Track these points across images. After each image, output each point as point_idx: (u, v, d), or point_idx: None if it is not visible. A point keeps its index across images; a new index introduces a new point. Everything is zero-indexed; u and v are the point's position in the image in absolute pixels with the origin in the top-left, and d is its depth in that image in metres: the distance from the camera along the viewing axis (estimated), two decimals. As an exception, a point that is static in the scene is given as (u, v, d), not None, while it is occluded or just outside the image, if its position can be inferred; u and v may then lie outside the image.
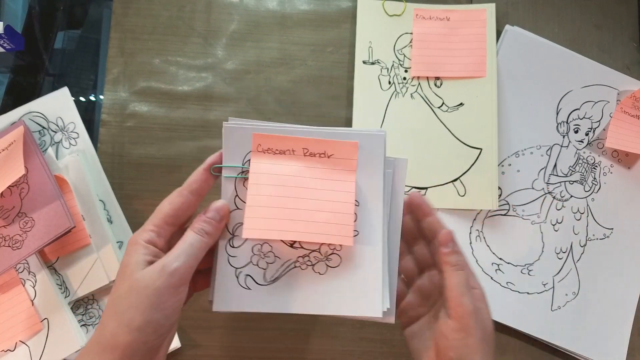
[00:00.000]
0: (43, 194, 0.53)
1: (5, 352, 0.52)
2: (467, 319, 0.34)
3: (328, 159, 0.36)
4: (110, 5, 0.61)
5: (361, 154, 0.36)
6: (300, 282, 0.36)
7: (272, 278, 0.36)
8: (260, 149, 0.36)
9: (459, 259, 0.36)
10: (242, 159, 0.36)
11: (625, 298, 0.58)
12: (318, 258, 0.36)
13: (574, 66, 0.62)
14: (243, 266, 0.36)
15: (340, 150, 0.36)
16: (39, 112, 0.58)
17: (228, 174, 0.36)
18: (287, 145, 0.36)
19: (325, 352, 0.56)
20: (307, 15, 0.63)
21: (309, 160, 0.36)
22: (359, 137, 0.36)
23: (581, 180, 0.60)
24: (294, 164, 0.36)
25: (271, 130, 0.36)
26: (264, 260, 0.36)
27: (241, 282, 0.36)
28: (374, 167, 0.36)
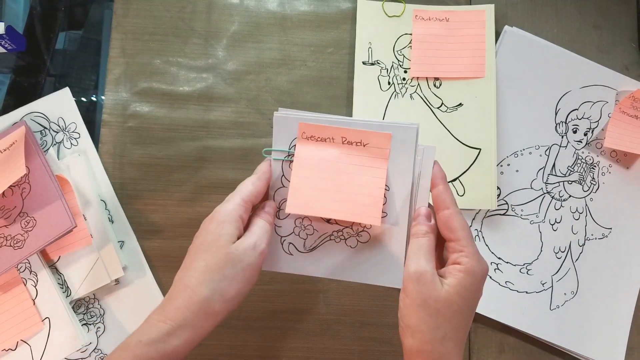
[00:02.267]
0: (44, 194, 0.53)
1: (7, 351, 0.52)
2: (407, 280, 0.36)
3: (364, 147, 0.40)
4: (111, 6, 0.62)
5: (394, 144, 0.40)
6: (334, 252, 0.41)
7: (310, 247, 0.42)
8: (305, 136, 0.41)
9: (418, 230, 0.39)
10: (289, 144, 0.41)
11: (623, 297, 0.58)
12: (350, 233, 0.41)
13: (573, 67, 0.62)
14: (287, 235, 0.42)
15: (375, 140, 0.40)
16: (40, 113, 0.58)
17: (277, 157, 0.41)
18: (328, 134, 0.40)
19: (325, 351, 0.56)
20: (307, 16, 0.63)
21: (347, 148, 0.40)
22: (393, 129, 0.40)
23: (580, 180, 0.60)
24: (333, 150, 0.40)
25: (315, 120, 0.41)
26: (304, 231, 0.42)
27: (285, 248, 0.42)
28: (405, 156, 0.40)
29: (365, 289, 0.57)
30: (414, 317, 0.35)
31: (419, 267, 0.36)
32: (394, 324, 0.57)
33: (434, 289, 0.35)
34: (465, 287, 0.36)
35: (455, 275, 0.36)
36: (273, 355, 0.56)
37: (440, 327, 0.35)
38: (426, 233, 0.38)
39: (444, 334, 0.35)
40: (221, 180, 0.58)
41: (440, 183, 0.39)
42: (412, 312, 0.35)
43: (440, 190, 0.39)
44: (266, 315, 0.56)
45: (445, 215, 0.38)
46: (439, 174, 0.40)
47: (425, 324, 0.35)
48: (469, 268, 0.36)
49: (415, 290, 0.36)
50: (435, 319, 0.35)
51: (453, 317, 0.36)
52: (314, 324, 0.57)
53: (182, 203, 0.58)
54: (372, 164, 0.40)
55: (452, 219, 0.38)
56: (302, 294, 0.57)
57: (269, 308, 0.57)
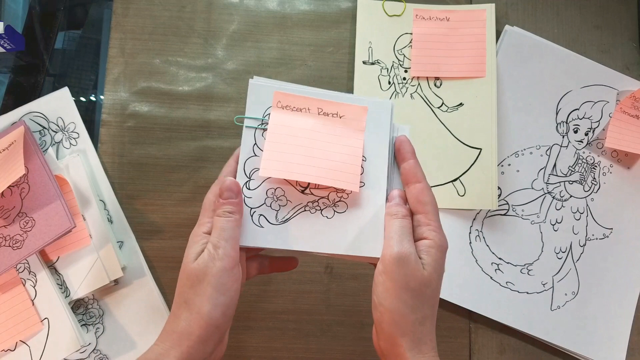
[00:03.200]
0: (43, 194, 0.53)
1: (6, 352, 0.52)
2: (391, 263, 0.35)
3: (340, 119, 0.40)
4: (111, 5, 0.62)
5: (370, 118, 0.40)
6: (309, 223, 0.39)
7: (283, 219, 0.39)
8: (280, 105, 0.40)
9: (397, 210, 0.38)
10: (263, 113, 0.40)
11: (624, 298, 0.58)
12: (326, 204, 0.40)
13: (574, 66, 0.62)
14: (257, 207, 0.39)
15: (352, 112, 0.40)
16: (39, 112, 0.58)
17: (249, 124, 0.40)
18: (304, 104, 0.40)
19: (325, 352, 0.56)
20: (307, 16, 0.63)
21: (323, 119, 0.40)
22: (369, 103, 0.40)
23: (581, 180, 0.60)
24: (309, 120, 0.40)
25: (290, 90, 0.40)
26: (276, 202, 0.39)
27: (255, 220, 0.39)
28: (381, 131, 0.40)
29: (366, 290, 0.57)
30: (395, 300, 0.35)
31: (403, 249, 0.35)
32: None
33: (417, 270, 0.35)
34: (438, 263, 0.36)
35: (429, 252, 0.36)
36: (273, 356, 0.56)
37: (422, 308, 0.35)
38: (405, 215, 0.38)
39: (424, 315, 0.35)
40: (221, 180, 0.58)
41: (410, 157, 0.39)
42: (394, 294, 0.35)
43: (411, 164, 0.39)
44: (266, 315, 0.56)
45: (417, 189, 0.38)
46: (408, 147, 0.40)
47: (407, 306, 0.35)
48: (438, 243, 0.36)
49: (399, 272, 0.35)
50: (417, 300, 0.35)
51: (431, 296, 0.36)
52: (314, 324, 0.56)
53: (182, 203, 0.58)
54: (349, 134, 0.40)
55: (423, 193, 0.38)
56: (302, 294, 0.57)
57: (269, 308, 0.56)
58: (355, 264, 0.57)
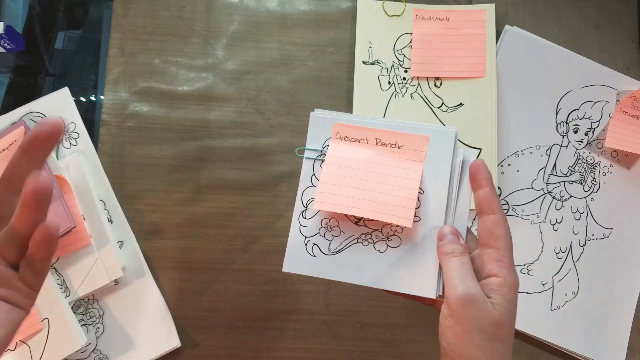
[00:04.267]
0: (43, 194, 0.53)
1: (6, 352, 0.52)
2: (457, 305, 0.33)
3: (398, 149, 0.39)
4: (111, 5, 0.62)
5: (431, 147, 0.39)
6: (361, 256, 0.39)
7: (336, 249, 0.39)
8: (339, 137, 0.40)
9: (454, 248, 0.36)
10: (322, 144, 0.41)
11: (624, 298, 0.58)
12: (379, 237, 0.39)
13: (574, 66, 0.62)
14: (311, 236, 0.40)
15: (411, 142, 0.39)
16: (39, 112, 0.58)
17: (309, 156, 0.41)
18: (362, 135, 0.39)
19: (326, 352, 0.56)
20: (307, 16, 0.63)
21: (381, 149, 0.39)
22: (430, 132, 0.39)
23: (580, 180, 0.60)
24: (367, 151, 0.39)
25: (349, 121, 0.40)
26: (330, 233, 0.40)
27: (309, 249, 0.40)
28: (442, 160, 0.39)
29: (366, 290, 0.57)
30: (469, 345, 0.32)
31: (469, 289, 0.33)
32: (395, 324, 0.57)
33: (487, 311, 0.32)
34: (511, 303, 0.34)
35: (500, 291, 0.34)
36: (273, 356, 0.56)
37: (497, 350, 0.33)
38: (463, 252, 0.35)
39: (500, 357, 0.33)
40: (221, 180, 0.58)
41: (486, 184, 0.36)
42: (466, 339, 0.32)
43: (486, 192, 0.36)
44: (266, 315, 0.56)
45: (491, 220, 0.36)
46: (484, 174, 0.37)
47: (482, 351, 0.32)
48: (510, 282, 0.34)
49: (468, 315, 0.32)
50: (492, 342, 0.32)
51: (506, 337, 0.33)
52: (314, 324, 0.56)
53: (182, 203, 0.58)
54: (407, 166, 0.39)
55: (498, 225, 0.35)
56: (302, 294, 0.57)
57: (268, 308, 0.56)
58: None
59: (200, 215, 0.57)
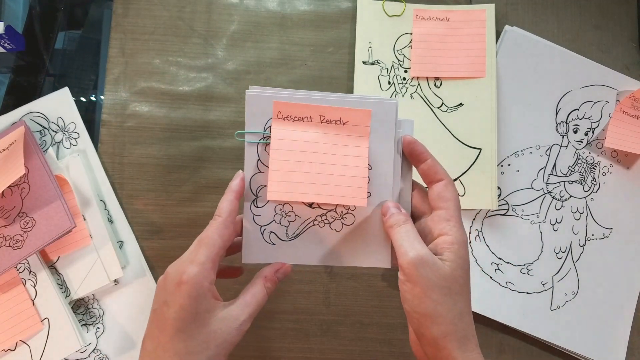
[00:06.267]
0: (44, 194, 0.53)
1: (6, 352, 0.52)
2: (410, 268, 0.34)
3: (343, 125, 0.39)
4: (111, 5, 0.62)
5: (374, 121, 0.39)
6: (319, 237, 0.39)
7: (293, 234, 0.39)
8: (281, 116, 0.38)
9: (397, 219, 0.37)
10: (264, 125, 0.39)
11: (624, 298, 0.58)
12: (334, 217, 0.39)
13: (573, 66, 0.62)
14: (267, 224, 0.39)
15: (355, 118, 0.39)
16: (39, 112, 0.58)
17: (251, 140, 0.39)
18: (306, 113, 0.38)
19: (325, 352, 0.56)
20: (307, 16, 0.63)
21: (326, 127, 0.39)
22: (372, 105, 0.39)
23: (580, 180, 0.60)
24: (312, 130, 0.39)
25: (290, 98, 0.39)
26: (285, 219, 0.39)
27: (266, 238, 0.39)
28: (386, 133, 0.39)
29: (366, 290, 0.57)
30: (429, 302, 0.34)
31: (418, 252, 0.35)
32: (395, 324, 0.57)
33: (438, 268, 0.34)
34: (463, 259, 0.36)
35: (450, 248, 0.35)
36: (273, 356, 0.56)
37: (456, 304, 0.34)
38: (405, 221, 0.37)
39: (460, 310, 0.34)
40: (221, 180, 0.58)
41: (426, 156, 0.38)
42: (425, 297, 0.34)
43: (429, 163, 0.38)
44: (266, 315, 0.56)
45: (440, 186, 0.38)
46: (421, 147, 0.39)
47: (442, 306, 0.34)
48: (458, 239, 0.36)
49: (421, 275, 0.34)
50: (450, 297, 0.34)
51: (462, 291, 0.35)
52: (314, 324, 0.56)
53: (182, 203, 0.58)
54: (353, 143, 0.39)
55: (446, 189, 0.37)
56: (302, 294, 0.57)
57: (269, 308, 0.56)
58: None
59: (200, 215, 0.57)
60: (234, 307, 0.35)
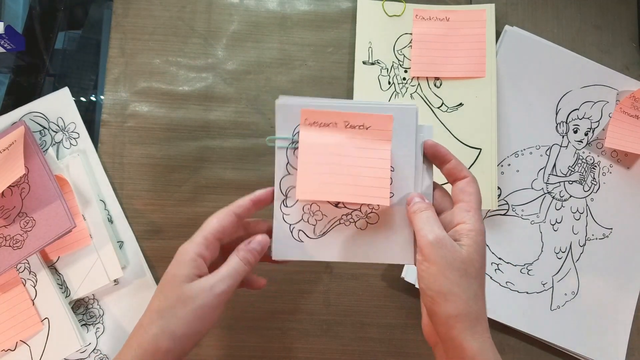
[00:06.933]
0: (44, 194, 0.53)
1: (6, 352, 0.52)
2: (428, 248, 0.36)
3: (367, 130, 0.41)
4: (111, 5, 0.62)
5: (396, 125, 0.41)
6: (345, 235, 0.42)
7: (320, 233, 0.42)
8: (308, 122, 0.41)
9: (419, 206, 0.39)
10: (292, 131, 0.41)
11: (624, 297, 0.58)
12: (359, 216, 0.42)
13: (574, 66, 0.62)
14: (296, 222, 0.42)
15: (377, 123, 0.41)
16: (39, 112, 0.58)
17: (281, 145, 0.42)
18: (331, 119, 0.41)
19: (325, 352, 0.56)
20: (307, 16, 0.63)
21: (350, 132, 0.41)
22: (393, 111, 0.41)
23: (580, 180, 0.60)
24: (337, 135, 0.41)
25: (317, 106, 0.41)
26: (313, 217, 0.42)
27: (295, 235, 0.42)
28: (407, 137, 0.41)
29: (366, 290, 0.57)
30: (445, 282, 0.35)
31: (437, 234, 0.36)
32: (395, 324, 0.57)
33: (456, 251, 0.36)
34: (479, 245, 0.37)
35: (468, 235, 0.37)
36: (273, 356, 0.56)
37: (471, 286, 0.35)
38: (427, 207, 0.39)
39: (475, 293, 0.35)
40: (221, 180, 0.58)
41: (449, 157, 0.40)
42: (442, 277, 0.35)
43: (453, 164, 0.40)
44: (266, 315, 0.56)
45: (463, 183, 0.39)
46: (443, 149, 0.41)
47: (458, 286, 0.35)
48: (476, 227, 0.37)
49: (439, 255, 0.35)
50: (466, 279, 0.35)
51: (478, 275, 0.36)
52: (314, 324, 0.56)
53: (182, 203, 0.58)
54: (376, 146, 0.41)
55: (469, 185, 0.39)
56: (302, 294, 0.57)
57: (268, 308, 0.56)
58: (356, 264, 0.57)
59: (200, 215, 0.57)
60: (210, 277, 0.37)
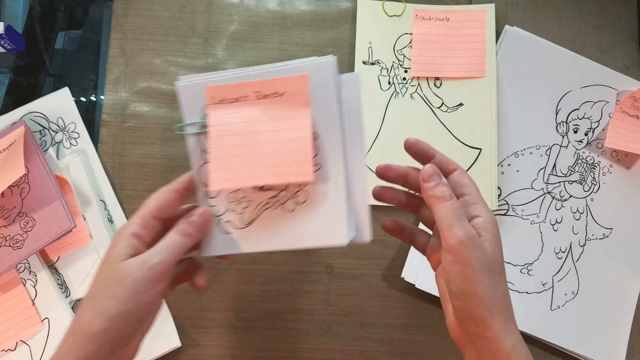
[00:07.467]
0: (44, 194, 0.53)
1: (6, 352, 0.52)
2: (461, 249, 0.34)
3: (281, 97, 0.36)
4: (111, 5, 0.62)
5: (313, 85, 0.35)
6: (273, 221, 0.37)
7: (248, 221, 0.37)
8: (215, 101, 0.36)
9: (443, 191, 0.36)
10: (201, 114, 0.37)
11: (624, 298, 0.58)
12: (286, 197, 0.37)
13: (574, 66, 0.62)
14: (222, 214, 0.38)
15: (291, 87, 0.35)
16: (39, 112, 0.58)
17: (191, 131, 0.37)
18: (240, 92, 0.36)
19: (325, 352, 0.56)
20: (307, 16, 0.63)
21: (263, 103, 0.36)
22: (308, 69, 0.36)
23: (580, 180, 0.60)
24: (249, 110, 0.36)
25: (221, 80, 0.36)
26: (239, 205, 0.37)
27: (221, 228, 0.38)
28: (328, 95, 0.36)
29: (366, 290, 0.57)
30: (479, 284, 0.33)
31: (469, 232, 0.34)
32: (395, 324, 0.57)
33: (485, 249, 0.34)
34: (497, 237, 0.36)
35: (486, 228, 0.35)
36: (273, 356, 0.56)
37: (500, 283, 0.34)
38: (452, 195, 0.36)
39: (504, 290, 0.35)
40: (221, 180, 0.58)
41: (435, 152, 0.39)
42: (475, 279, 0.33)
43: (438, 158, 0.39)
44: (266, 315, 0.56)
45: (456, 175, 0.38)
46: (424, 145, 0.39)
47: (489, 286, 0.34)
48: (491, 219, 0.36)
49: (472, 256, 0.33)
50: (493, 278, 0.34)
51: (501, 270, 0.35)
52: (314, 324, 0.56)
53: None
54: (294, 114, 0.35)
55: (463, 176, 0.38)
56: (302, 294, 0.57)
57: (268, 308, 0.56)
58: (356, 264, 0.57)
59: (200, 215, 0.57)
60: (145, 253, 0.35)
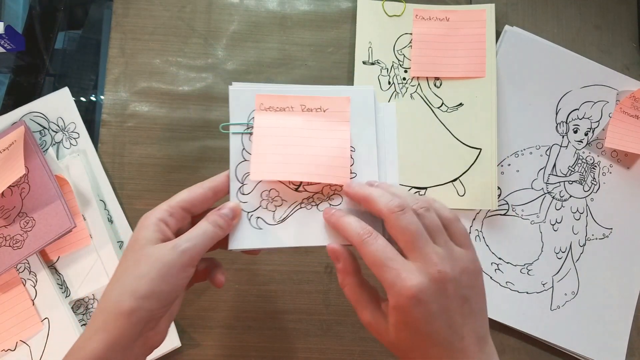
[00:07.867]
0: (44, 194, 0.53)
1: (6, 352, 0.52)
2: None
3: (324, 112, 0.40)
4: (111, 5, 0.62)
5: (354, 106, 0.40)
6: (306, 219, 0.39)
7: (281, 218, 0.39)
8: (263, 108, 0.40)
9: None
10: (247, 117, 0.40)
11: (624, 298, 0.58)
12: (321, 199, 0.40)
13: (574, 66, 0.62)
14: (254, 210, 0.39)
15: (334, 105, 0.40)
16: (39, 112, 0.58)
17: (235, 131, 0.40)
18: (287, 103, 0.40)
19: (325, 352, 0.56)
20: (307, 16, 0.63)
21: (307, 115, 0.40)
22: (350, 92, 0.41)
23: (580, 180, 0.60)
24: (293, 118, 0.40)
25: (271, 90, 0.40)
26: (272, 204, 0.40)
27: (253, 223, 0.39)
28: (366, 117, 0.40)
29: (366, 290, 0.57)
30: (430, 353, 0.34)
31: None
32: (394, 324, 0.57)
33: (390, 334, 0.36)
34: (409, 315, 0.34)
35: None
36: (273, 356, 0.56)
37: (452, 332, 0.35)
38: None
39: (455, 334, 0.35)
40: (221, 180, 0.58)
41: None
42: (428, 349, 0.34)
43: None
44: (266, 315, 0.56)
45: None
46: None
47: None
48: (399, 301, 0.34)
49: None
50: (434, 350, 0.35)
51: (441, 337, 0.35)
52: (314, 324, 0.56)
53: (182, 203, 0.58)
54: (334, 127, 0.40)
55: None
56: (302, 294, 0.57)
57: (269, 308, 0.56)
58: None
59: (200, 215, 0.57)
60: (176, 239, 0.35)
